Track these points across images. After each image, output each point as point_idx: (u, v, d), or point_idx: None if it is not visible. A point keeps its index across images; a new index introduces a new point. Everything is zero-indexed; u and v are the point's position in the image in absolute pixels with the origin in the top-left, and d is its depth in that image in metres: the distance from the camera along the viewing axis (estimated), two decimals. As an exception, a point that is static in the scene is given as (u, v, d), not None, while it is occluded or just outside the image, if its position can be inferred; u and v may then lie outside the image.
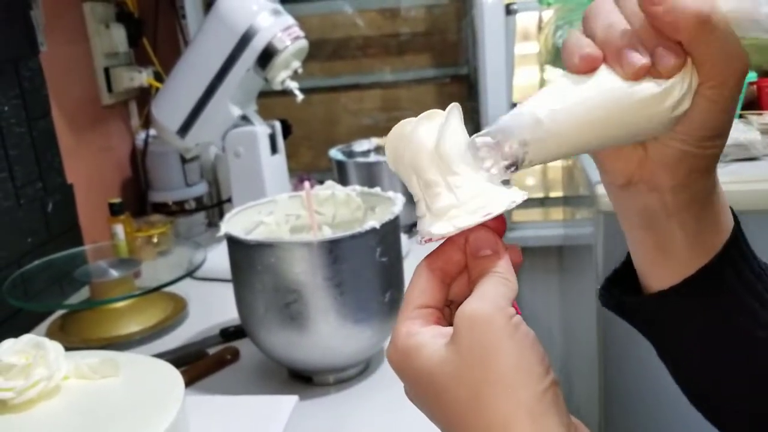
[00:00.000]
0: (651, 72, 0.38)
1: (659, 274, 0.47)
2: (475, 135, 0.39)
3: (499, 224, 0.42)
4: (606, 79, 0.38)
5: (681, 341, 0.48)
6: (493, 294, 0.39)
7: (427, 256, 0.43)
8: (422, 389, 0.40)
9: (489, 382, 0.37)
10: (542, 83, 2.05)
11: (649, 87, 0.38)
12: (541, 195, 2.02)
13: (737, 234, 0.46)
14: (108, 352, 0.71)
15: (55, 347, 0.64)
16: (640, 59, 0.38)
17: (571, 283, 1.72)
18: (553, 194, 2.02)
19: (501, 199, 0.39)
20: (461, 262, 0.42)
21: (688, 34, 0.37)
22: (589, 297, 1.34)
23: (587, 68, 0.39)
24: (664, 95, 0.38)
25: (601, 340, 1.29)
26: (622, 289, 0.50)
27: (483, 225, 0.40)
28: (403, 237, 1.30)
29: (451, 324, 0.40)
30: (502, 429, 0.37)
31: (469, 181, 0.39)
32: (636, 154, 0.44)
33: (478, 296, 0.39)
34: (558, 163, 1.92)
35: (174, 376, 0.66)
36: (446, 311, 0.43)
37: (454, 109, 0.40)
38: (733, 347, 0.46)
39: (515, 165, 0.39)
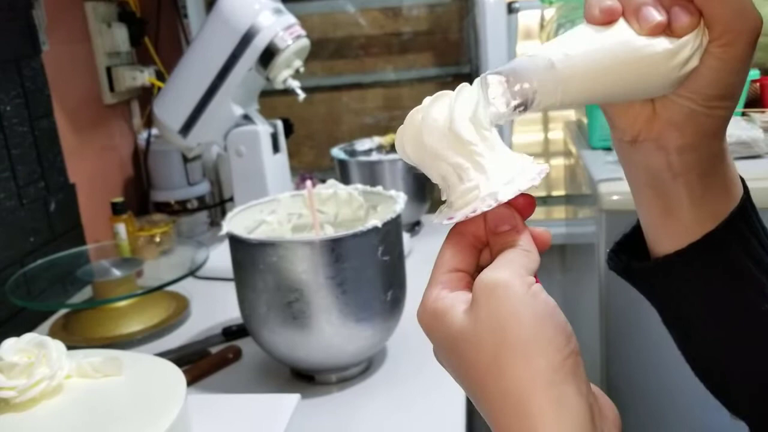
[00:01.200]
0: (665, 30, 0.39)
1: (665, 238, 0.47)
2: (487, 72, 0.39)
3: (528, 201, 0.42)
4: (622, 33, 0.39)
5: (685, 309, 0.48)
6: (511, 263, 0.39)
7: (459, 223, 0.42)
8: (446, 352, 0.41)
9: (506, 349, 0.37)
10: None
11: (662, 43, 0.39)
12: (543, 194, 2.02)
13: (746, 204, 0.46)
14: (110, 351, 0.71)
15: (57, 346, 0.64)
16: (656, 16, 0.39)
17: (574, 281, 1.72)
18: (555, 193, 2.02)
19: (527, 174, 0.39)
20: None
21: None
22: (591, 296, 1.34)
23: (607, 20, 0.40)
24: (675, 51, 0.39)
25: (604, 339, 1.29)
26: (630, 253, 0.50)
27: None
28: (405, 236, 1.30)
29: None
30: (519, 395, 0.37)
31: (491, 156, 0.39)
32: (645, 112, 0.44)
33: (497, 265, 0.39)
34: (561, 162, 1.92)
35: (176, 375, 0.66)
36: (476, 276, 0.43)
37: (464, 88, 0.39)
38: (738, 319, 0.46)
39: (524, 105, 0.39)
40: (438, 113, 0.39)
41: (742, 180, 0.47)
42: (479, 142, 0.39)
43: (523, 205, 0.42)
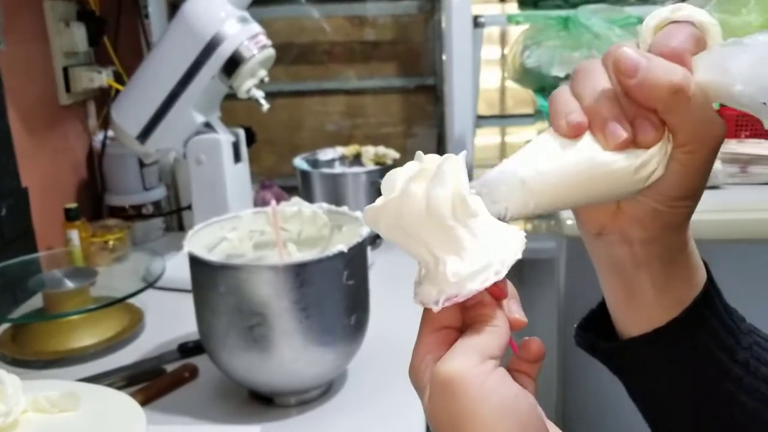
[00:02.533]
0: (631, 144, 0.40)
1: (630, 320, 0.48)
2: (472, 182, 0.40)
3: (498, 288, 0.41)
4: (589, 148, 0.40)
5: (650, 388, 0.49)
6: (468, 349, 0.38)
7: None
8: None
9: None
10: (503, 90, 2.06)
11: (628, 158, 0.40)
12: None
13: (709, 289, 0.47)
14: (67, 384, 0.68)
15: (12, 381, 0.61)
16: (622, 133, 0.39)
17: (532, 297, 1.73)
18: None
19: (506, 254, 0.38)
20: None
21: (662, 103, 0.39)
22: (550, 312, 1.36)
23: (573, 135, 0.40)
24: (641, 165, 0.40)
25: (561, 355, 1.30)
26: (596, 331, 0.50)
27: None
28: (367, 249, 1.29)
29: None
30: None
31: (472, 239, 0.38)
32: (609, 208, 0.45)
33: (452, 353, 0.38)
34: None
35: (135, 410, 0.64)
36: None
37: (444, 165, 0.38)
38: (703, 400, 0.47)
39: (499, 218, 0.40)
40: (417, 194, 0.38)
41: (705, 265, 0.48)
42: (459, 226, 0.38)
43: (496, 291, 0.41)
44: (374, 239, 1.48)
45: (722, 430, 0.48)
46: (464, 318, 0.41)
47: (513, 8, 1.78)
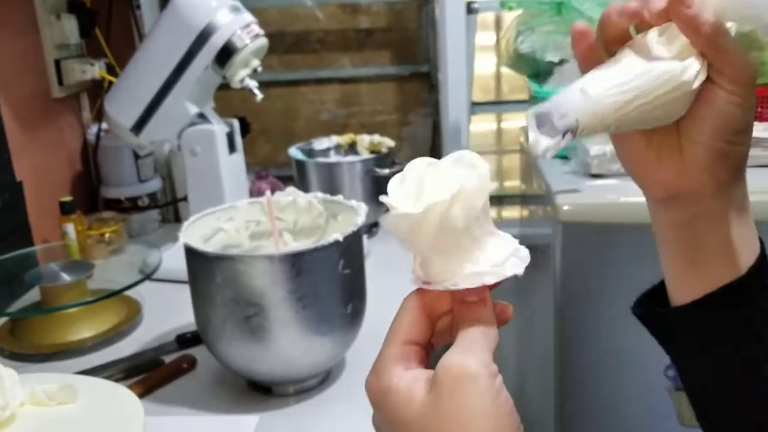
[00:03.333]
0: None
1: (688, 287, 0.50)
2: (531, 108, 0.44)
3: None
4: (641, 59, 0.45)
5: (693, 359, 0.52)
6: (478, 348, 0.39)
7: (417, 290, 0.43)
8: (393, 428, 0.40)
9: None
10: (498, 76, 2.06)
11: (673, 61, 0.44)
12: (498, 193, 2.03)
13: (761, 262, 0.49)
14: (65, 377, 0.68)
15: (9, 374, 0.61)
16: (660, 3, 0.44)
17: (528, 282, 1.74)
18: (509, 183, 2.03)
19: (513, 260, 0.41)
20: (449, 301, 0.43)
21: (707, 37, 0.43)
22: (546, 297, 1.36)
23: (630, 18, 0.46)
24: (686, 66, 0.44)
25: (558, 341, 1.30)
26: (654, 301, 0.53)
27: None
28: (363, 237, 1.29)
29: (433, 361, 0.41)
30: None
31: (484, 242, 0.41)
32: (673, 165, 0.48)
33: (463, 349, 0.39)
34: (516, 163, 1.93)
35: (134, 403, 0.64)
36: (430, 347, 0.44)
37: (469, 175, 0.40)
38: (740, 374, 0.49)
39: (571, 132, 0.43)
40: (453, 211, 0.39)
41: (760, 240, 0.51)
42: (477, 230, 0.40)
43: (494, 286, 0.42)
44: (370, 228, 1.49)
45: (759, 404, 0.49)
46: (461, 316, 0.41)
47: (506, -7, 1.77)
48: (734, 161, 0.47)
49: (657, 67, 0.44)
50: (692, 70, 0.44)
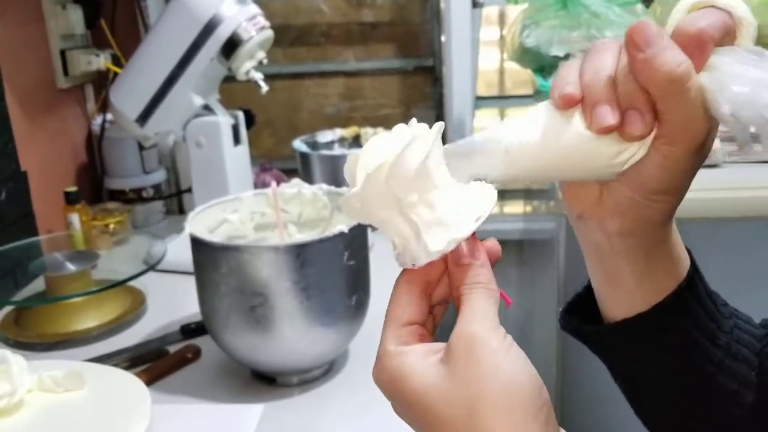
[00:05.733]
0: (615, 130, 0.40)
1: (613, 304, 0.49)
2: (448, 145, 0.41)
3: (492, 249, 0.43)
4: (576, 124, 0.40)
5: (633, 371, 0.51)
6: (482, 313, 0.39)
7: (406, 270, 0.43)
8: (414, 408, 0.40)
9: (485, 402, 0.37)
10: (502, 71, 2.06)
11: (609, 143, 0.40)
12: (500, 188, 2.03)
13: (693, 277, 0.47)
14: (72, 364, 0.69)
15: (17, 361, 0.62)
16: (608, 120, 0.39)
17: (531, 278, 1.74)
18: (511, 187, 2.04)
19: (483, 204, 0.41)
20: (442, 268, 0.43)
21: (657, 88, 0.38)
22: (549, 292, 1.36)
23: (563, 106, 0.40)
24: (621, 150, 0.40)
25: (560, 335, 1.31)
26: (581, 314, 0.51)
27: None
28: (368, 229, 1.30)
29: (432, 334, 0.42)
30: None
31: (448, 193, 0.40)
32: (592, 194, 0.45)
33: (468, 318, 0.39)
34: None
35: (141, 389, 0.65)
36: (429, 318, 0.44)
37: (434, 130, 0.40)
38: (684, 383, 0.48)
39: (476, 179, 0.42)
40: (409, 155, 0.39)
41: (689, 251, 0.48)
42: (438, 178, 0.40)
43: (490, 253, 0.42)
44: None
45: (703, 412, 0.49)
46: (457, 279, 0.41)
47: (511, -12, 1.78)
48: (650, 215, 0.43)
49: (589, 145, 0.40)
50: (627, 154, 0.40)
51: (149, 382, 0.94)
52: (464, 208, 0.40)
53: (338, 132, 1.58)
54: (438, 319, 0.44)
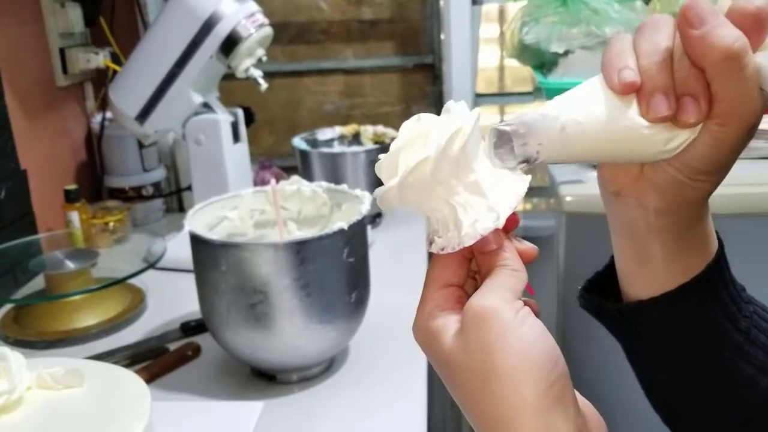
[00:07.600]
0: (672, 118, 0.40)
1: (639, 284, 0.48)
2: (498, 123, 0.40)
3: (512, 218, 0.42)
4: (631, 110, 0.40)
5: (650, 353, 0.50)
6: (500, 288, 0.40)
7: None
8: (442, 370, 0.42)
9: (495, 375, 0.38)
10: (502, 68, 2.05)
11: (663, 129, 0.40)
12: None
13: (720, 259, 0.47)
14: (72, 361, 0.69)
15: (16, 358, 0.62)
16: (664, 110, 0.39)
17: (531, 273, 1.74)
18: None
19: (511, 191, 0.40)
20: None
21: (712, 66, 0.38)
22: (549, 289, 1.36)
23: (623, 92, 0.40)
24: (673, 137, 0.40)
25: (560, 332, 1.31)
26: (601, 293, 0.51)
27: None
28: (367, 227, 1.30)
29: None
30: (508, 422, 0.38)
31: (486, 177, 0.40)
32: (632, 171, 0.45)
33: (485, 291, 0.40)
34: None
35: (141, 387, 0.65)
36: (470, 283, 0.44)
37: (474, 115, 0.40)
38: (702, 366, 0.48)
39: (527, 162, 0.41)
40: (450, 143, 0.39)
41: (717, 235, 0.48)
42: (473, 168, 0.40)
43: (509, 221, 0.42)
44: (374, 218, 1.49)
45: (717, 396, 0.48)
46: (485, 265, 0.42)
47: (511, -15, 1.78)
48: (690, 195, 0.43)
49: (643, 132, 0.40)
50: (679, 140, 0.40)
51: (149, 380, 0.94)
52: (502, 190, 0.40)
53: (338, 129, 1.58)
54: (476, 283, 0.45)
